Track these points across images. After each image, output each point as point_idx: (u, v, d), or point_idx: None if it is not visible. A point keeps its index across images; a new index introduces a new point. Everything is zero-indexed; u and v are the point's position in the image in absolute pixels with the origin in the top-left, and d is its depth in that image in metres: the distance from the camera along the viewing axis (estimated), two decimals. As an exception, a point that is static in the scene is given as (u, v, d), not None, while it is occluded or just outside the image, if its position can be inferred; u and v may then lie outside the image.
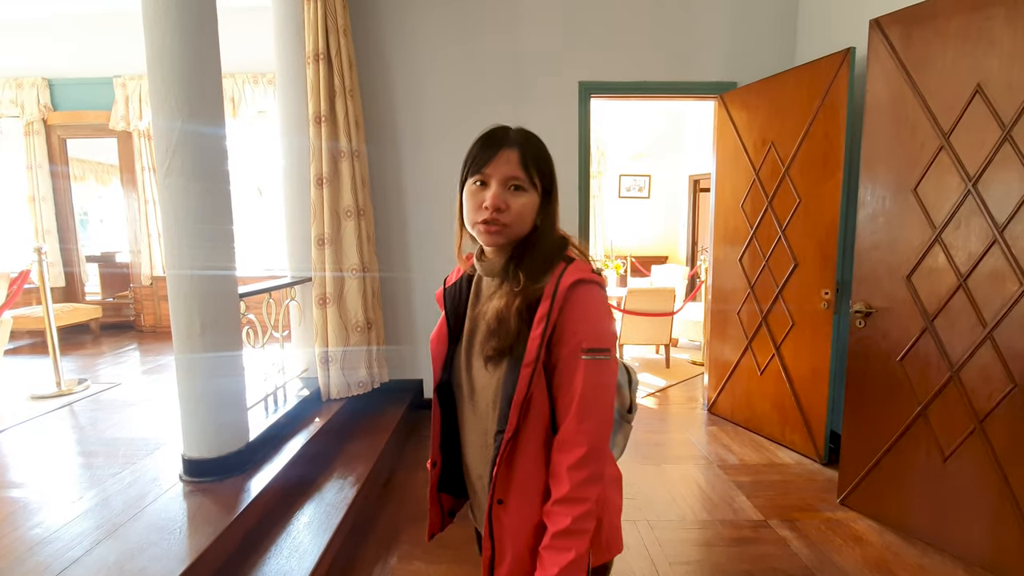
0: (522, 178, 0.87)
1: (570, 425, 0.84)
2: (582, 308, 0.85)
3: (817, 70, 2.74)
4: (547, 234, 0.92)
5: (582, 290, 0.85)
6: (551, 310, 0.84)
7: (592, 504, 0.84)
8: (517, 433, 0.87)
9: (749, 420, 3.29)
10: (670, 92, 3.48)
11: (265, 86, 4.97)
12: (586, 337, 0.84)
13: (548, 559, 0.83)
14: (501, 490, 0.89)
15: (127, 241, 5.47)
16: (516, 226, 0.88)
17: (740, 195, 3.24)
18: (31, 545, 1.70)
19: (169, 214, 1.96)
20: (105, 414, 2.97)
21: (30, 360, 4.34)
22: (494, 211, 0.86)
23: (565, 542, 0.83)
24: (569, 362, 0.84)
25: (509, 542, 0.90)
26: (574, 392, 0.84)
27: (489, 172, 0.87)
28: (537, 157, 0.89)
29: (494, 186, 0.87)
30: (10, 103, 5.13)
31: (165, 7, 1.87)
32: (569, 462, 0.83)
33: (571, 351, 0.84)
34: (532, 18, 3.39)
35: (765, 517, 2.35)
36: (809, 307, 2.82)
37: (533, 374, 0.84)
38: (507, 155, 0.87)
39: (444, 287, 1.05)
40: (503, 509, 0.89)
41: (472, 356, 0.95)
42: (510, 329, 0.86)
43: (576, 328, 0.84)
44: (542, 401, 0.87)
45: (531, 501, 0.88)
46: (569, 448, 0.84)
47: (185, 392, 2.03)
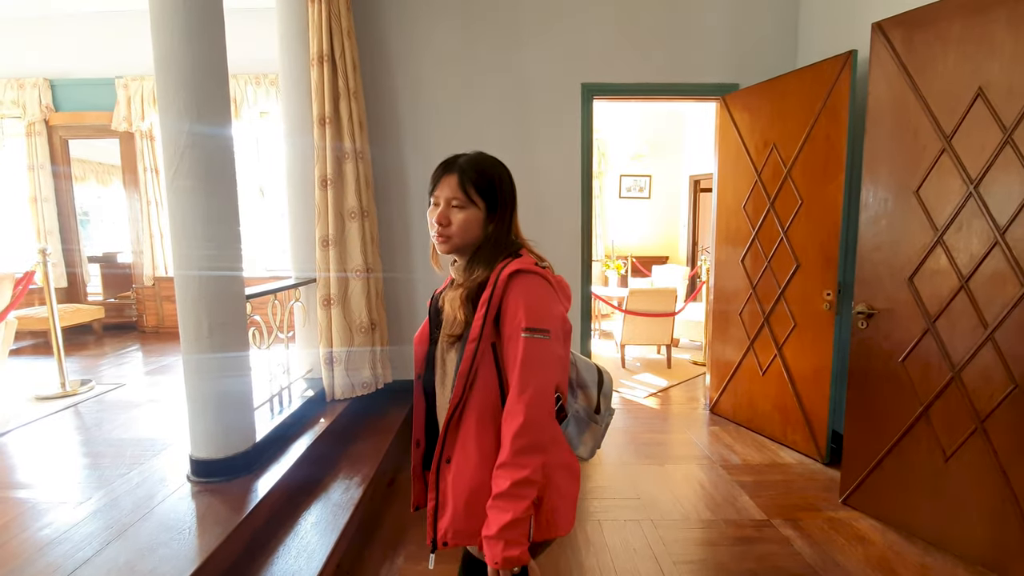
0: (461, 197, 1.04)
1: (511, 396, 0.97)
2: (521, 293, 0.99)
3: (819, 72, 2.75)
4: (495, 239, 1.07)
5: (522, 278, 1.00)
6: (492, 295, 0.99)
7: (530, 472, 0.94)
8: (463, 402, 1.01)
9: (751, 420, 3.31)
10: (672, 93, 3.50)
11: (267, 87, 4.98)
12: (525, 317, 0.97)
13: (491, 517, 0.95)
14: (448, 450, 1.04)
15: (129, 242, 5.48)
16: (459, 236, 1.05)
17: (742, 196, 3.26)
18: (41, 546, 1.71)
19: (177, 216, 1.97)
20: (111, 415, 2.98)
21: (33, 361, 4.35)
22: (439, 226, 1.04)
23: (503, 503, 0.93)
24: (511, 340, 0.98)
25: (450, 496, 1.03)
26: (515, 366, 0.96)
27: (437, 194, 1.06)
28: (476, 179, 1.04)
29: (442, 205, 1.05)
30: (11, 103, 5.13)
31: (173, 9, 1.88)
32: (511, 431, 0.95)
33: (512, 330, 0.98)
34: (535, 19, 3.41)
35: (768, 517, 2.37)
36: (811, 308, 2.84)
37: (476, 350, 0.99)
38: (448, 179, 1.04)
39: (433, 296, 1.19)
40: (448, 468, 1.04)
41: (443, 346, 1.09)
42: (459, 318, 1.02)
43: (516, 310, 0.98)
44: (488, 376, 1.01)
45: (470, 463, 1.01)
46: (511, 418, 0.96)
47: (193, 393, 2.05)
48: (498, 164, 1.10)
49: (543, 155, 3.50)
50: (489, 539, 0.93)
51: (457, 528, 1.03)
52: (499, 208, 1.07)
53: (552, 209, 3.54)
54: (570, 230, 3.55)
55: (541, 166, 3.51)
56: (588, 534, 2.25)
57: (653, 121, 7.23)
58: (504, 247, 1.08)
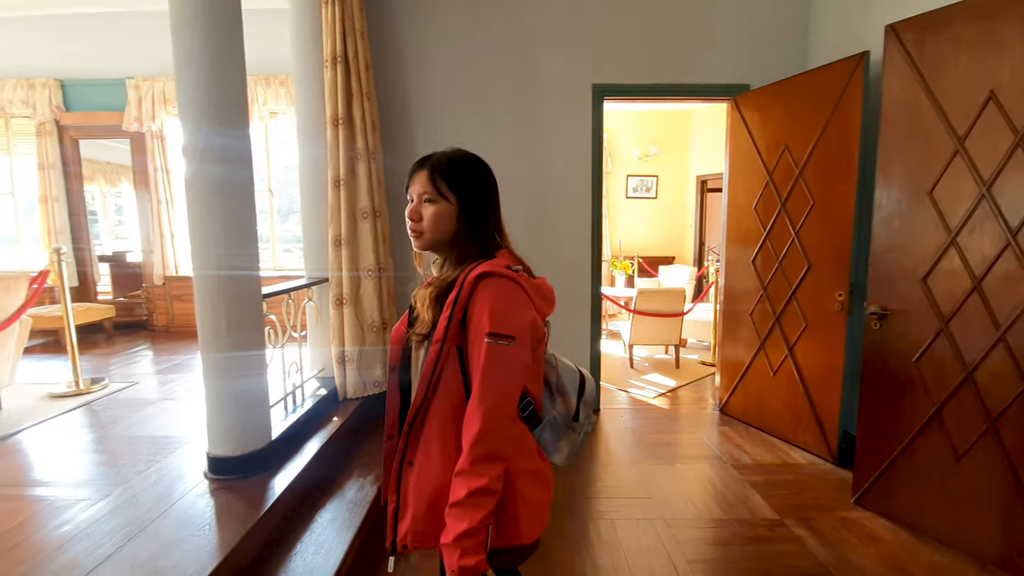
0: (431, 191, 1.03)
1: (472, 402, 0.95)
2: (488, 297, 0.96)
3: (831, 73, 2.76)
4: (466, 236, 1.05)
5: (489, 281, 0.97)
6: (458, 297, 0.97)
7: (488, 481, 0.92)
8: (425, 404, 1.00)
9: (761, 420, 3.31)
10: (683, 94, 3.51)
11: (276, 87, 5.01)
12: (489, 322, 0.95)
13: (448, 525, 0.93)
14: (410, 453, 1.03)
15: (139, 241, 5.52)
16: (431, 232, 1.04)
17: (753, 197, 3.26)
18: (61, 543, 1.73)
19: (195, 217, 1.99)
20: (125, 412, 3.00)
21: (44, 359, 4.39)
22: (411, 220, 1.05)
23: (460, 512, 0.92)
24: (475, 344, 0.96)
25: (411, 498, 1.03)
26: (481, 370, 0.94)
27: (411, 191, 1.06)
28: (446, 173, 1.03)
29: (415, 199, 1.05)
30: (22, 103, 5.17)
31: (193, 13, 1.90)
32: (469, 438, 0.93)
33: (476, 335, 0.96)
34: (545, 20, 3.42)
35: (780, 516, 2.38)
36: (823, 308, 2.84)
37: (440, 352, 0.97)
38: (419, 175, 1.04)
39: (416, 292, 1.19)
40: (410, 470, 1.03)
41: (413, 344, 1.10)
42: (426, 317, 1.02)
43: (481, 315, 0.95)
44: (452, 379, 0.99)
45: (433, 466, 1.00)
46: (469, 423, 0.94)
47: (211, 391, 2.06)
48: (473, 160, 1.08)
49: (553, 156, 3.51)
50: (446, 547, 0.92)
51: (417, 530, 1.02)
52: (472, 204, 1.05)
53: (562, 210, 3.55)
54: (580, 230, 3.57)
55: (551, 166, 3.52)
56: (601, 532, 2.26)
57: (660, 121, 7.24)
58: (479, 246, 1.06)
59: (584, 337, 3.63)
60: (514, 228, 3.98)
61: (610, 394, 4.08)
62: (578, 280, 3.59)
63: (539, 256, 3.60)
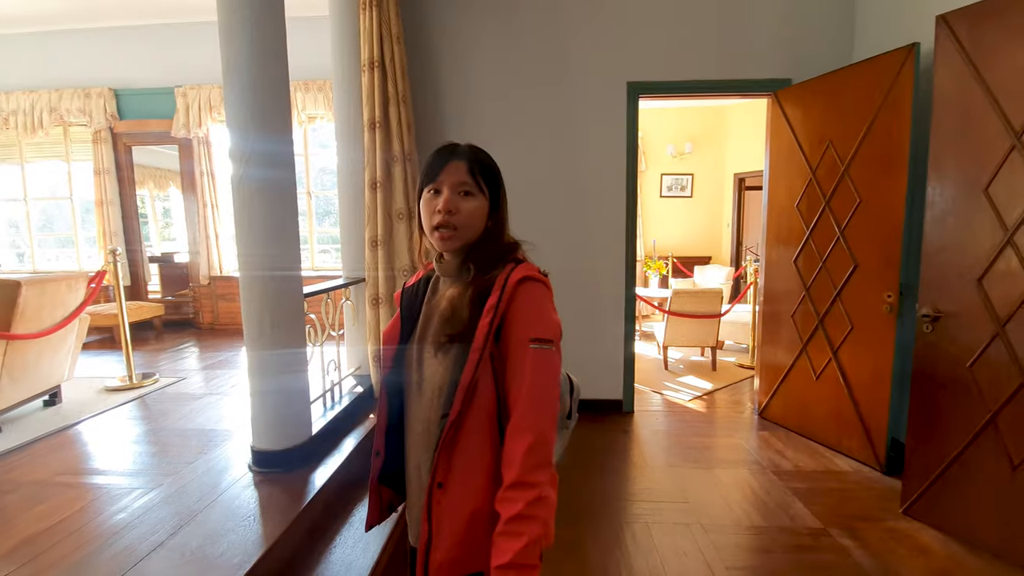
0: (470, 183, 0.96)
1: (520, 411, 0.89)
2: (528, 302, 0.93)
3: (879, 66, 2.65)
4: (497, 235, 1.00)
5: (529, 286, 0.93)
6: (499, 302, 0.91)
7: (541, 490, 0.86)
8: (461, 418, 0.91)
9: (803, 426, 3.21)
10: (721, 91, 3.43)
11: (315, 93, 5.14)
12: (533, 328, 0.91)
13: (502, 545, 0.85)
14: (442, 473, 0.92)
15: (186, 242, 5.76)
16: (466, 228, 0.96)
17: (795, 195, 3.17)
18: (117, 529, 1.82)
19: (242, 219, 2.06)
20: (174, 406, 3.14)
21: (99, 355, 4.63)
22: (446, 214, 0.94)
23: (518, 527, 0.85)
24: (518, 351, 0.91)
25: (447, 525, 0.92)
26: (524, 379, 0.89)
27: (442, 179, 0.96)
28: (483, 166, 0.98)
29: (446, 192, 0.95)
30: (79, 112, 5.47)
31: (240, 23, 1.97)
32: (521, 448, 0.87)
33: (520, 341, 0.91)
34: (579, 18, 3.40)
35: (824, 525, 2.30)
36: (870, 310, 2.73)
37: (480, 360, 0.90)
38: (456, 165, 0.96)
39: (403, 288, 1.12)
40: (442, 493, 0.92)
41: (424, 348, 1.01)
42: (463, 317, 0.93)
43: (525, 320, 0.92)
44: (487, 389, 0.92)
45: (471, 486, 0.92)
46: (520, 433, 0.88)
47: (255, 387, 2.14)
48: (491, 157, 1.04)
49: (587, 155, 3.49)
50: (502, 568, 0.83)
51: (454, 558, 0.93)
52: (499, 200, 1.01)
53: (595, 209, 3.53)
54: (613, 230, 3.53)
55: (585, 166, 3.50)
56: (636, 536, 2.23)
57: (695, 117, 7.10)
58: (509, 248, 1.02)
59: (617, 338, 3.60)
60: (547, 228, 4.00)
61: (644, 396, 4.03)
62: (611, 280, 3.56)
63: (571, 256, 3.62)
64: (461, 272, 1.00)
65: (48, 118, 5.49)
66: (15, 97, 5.49)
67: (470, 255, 1.00)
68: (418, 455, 1.02)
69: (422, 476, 1.01)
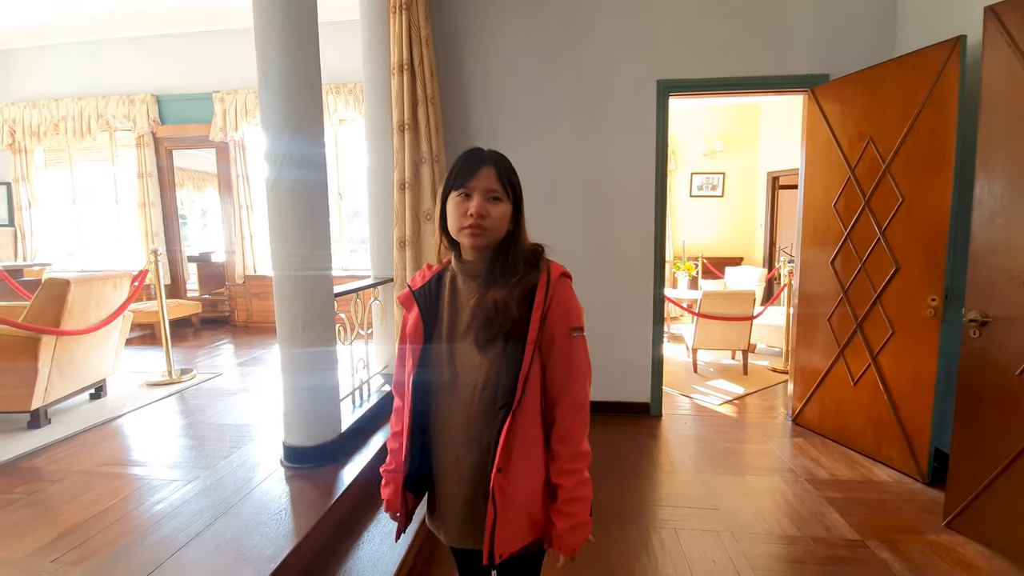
0: (499, 190, 1.03)
1: (571, 395, 1.03)
2: (567, 296, 1.04)
3: (923, 60, 2.54)
4: (522, 237, 1.08)
5: (565, 282, 1.05)
6: (547, 297, 1.01)
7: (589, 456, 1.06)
8: (520, 405, 1.00)
9: (840, 433, 3.10)
10: (755, 87, 3.35)
11: (346, 96, 5.24)
12: (572, 318, 1.03)
13: (571, 509, 1.03)
14: (503, 459, 0.99)
15: (223, 243, 5.94)
16: (495, 230, 1.03)
17: (832, 194, 3.06)
18: (157, 519, 1.89)
19: (276, 220, 2.11)
20: (210, 401, 3.24)
21: (141, 350, 4.81)
22: (478, 218, 1.00)
23: (580, 492, 1.03)
24: (564, 339, 1.02)
25: (511, 506, 1.00)
26: (572, 363, 1.03)
27: (472, 185, 1.02)
28: (509, 173, 1.05)
29: (476, 197, 1.01)
30: (124, 118, 5.71)
31: (274, 29, 2.02)
32: (575, 422, 1.03)
33: (564, 331, 1.02)
34: (608, 16, 3.37)
35: (862, 537, 2.21)
36: (912, 314, 2.62)
37: (535, 350, 1.00)
38: (487, 171, 1.02)
39: (411, 289, 1.14)
40: (504, 477, 0.99)
41: (455, 347, 1.07)
42: (512, 315, 1.00)
43: (566, 312, 1.03)
44: (537, 375, 1.03)
45: (530, 466, 1.03)
46: (574, 411, 1.03)
47: (288, 384, 2.19)
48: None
49: (615, 155, 3.46)
50: (575, 528, 1.03)
51: (519, 534, 1.03)
52: (520, 203, 1.08)
53: (623, 210, 3.49)
54: (642, 231, 3.48)
55: (613, 166, 3.46)
56: (664, 541, 2.20)
57: (727, 115, 6.95)
58: (538, 248, 1.09)
59: (645, 340, 3.55)
60: (574, 229, 3.97)
61: (672, 399, 3.96)
62: (639, 281, 3.51)
63: (599, 257, 3.59)
64: (492, 271, 1.05)
65: (95, 124, 5.75)
66: (64, 104, 5.76)
67: (500, 257, 1.05)
68: (458, 451, 1.06)
69: (462, 471, 1.05)
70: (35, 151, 6.04)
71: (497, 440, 0.99)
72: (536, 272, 1.04)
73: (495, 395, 1.01)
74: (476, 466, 1.03)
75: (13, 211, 6.07)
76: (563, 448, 1.03)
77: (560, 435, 1.03)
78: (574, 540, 1.03)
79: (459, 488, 1.06)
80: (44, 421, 2.82)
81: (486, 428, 1.02)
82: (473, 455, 1.03)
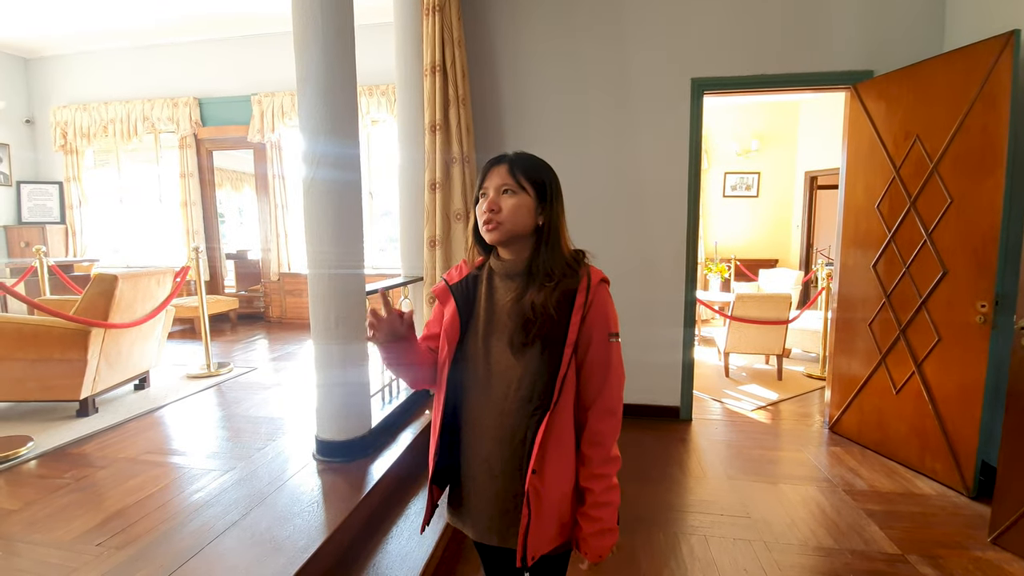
0: (511, 183, 1.03)
1: (605, 398, 1.03)
2: (606, 301, 1.04)
3: (973, 56, 2.43)
4: (557, 235, 1.06)
5: (605, 287, 1.06)
6: (587, 301, 1.01)
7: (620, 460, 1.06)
8: (555, 407, 1.00)
9: (880, 443, 2.99)
10: (794, 85, 3.25)
11: (379, 97, 5.32)
12: (612, 324, 1.04)
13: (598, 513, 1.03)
14: (538, 461, 0.99)
15: (259, 240, 6.11)
16: (509, 223, 1.03)
17: (875, 195, 2.95)
18: (196, 507, 1.96)
19: (311, 220, 2.16)
20: (246, 394, 3.34)
21: (181, 344, 4.99)
22: (489, 211, 1.03)
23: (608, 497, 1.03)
24: (602, 344, 1.02)
25: (546, 508, 1.01)
26: (609, 368, 1.03)
27: (487, 185, 1.05)
28: (525, 167, 1.05)
29: (491, 193, 1.04)
30: (168, 120, 5.93)
31: (313, 35, 2.06)
32: (608, 427, 1.03)
33: (602, 335, 1.03)
34: (641, 14, 3.32)
35: (902, 551, 2.13)
36: (960, 320, 2.50)
37: (572, 353, 1.00)
38: (498, 170, 1.05)
39: (447, 283, 1.15)
40: (538, 478, 1.00)
41: (491, 344, 1.06)
42: (551, 317, 1.00)
43: (604, 317, 1.03)
44: (573, 378, 1.03)
45: (563, 468, 1.03)
46: (607, 415, 1.03)
47: (321, 379, 2.23)
48: (545, 162, 1.10)
49: (649, 156, 3.41)
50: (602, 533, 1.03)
51: (551, 536, 1.04)
52: (549, 198, 1.06)
53: (655, 210, 3.44)
54: (674, 232, 3.43)
55: (645, 166, 3.42)
56: (693, 548, 2.16)
57: (763, 113, 6.78)
58: (576, 252, 1.09)
59: (676, 343, 3.49)
60: (605, 229, 3.92)
61: (703, 403, 3.89)
62: (671, 283, 3.46)
63: (629, 257, 3.54)
64: (529, 271, 1.05)
65: (141, 126, 5.99)
66: (113, 107, 6.02)
67: (537, 257, 1.05)
68: (488, 448, 1.06)
69: (492, 468, 1.06)
70: (85, 152, 6.33)
71: (532, 441, 1.00)
72: (576, 276, 1.04)
73: (530, 395, 1.02)
74: (507, 464, 1.04)
75: (65, 209, 6.38)
76: (594, 452, 1.03)
77: (591, 439, 1.03)
78: (599, 545, 1.03)
79: (489, 485, 1.06)
80: (92, 410, 2.95)
81: (518, 427, 1.03)
82: (505, 453, 1.04)
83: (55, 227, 6.29)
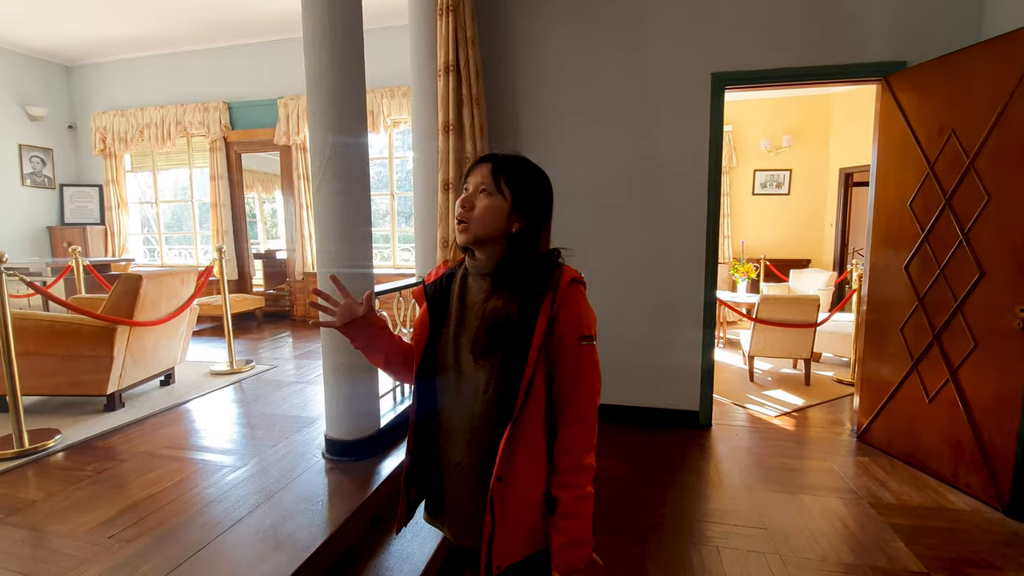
0: (489, 184, 1.00)
1: (577, 401, 0.98)
2: (577, 302, 0.99)
3: (1013, 44, 2.27)
4: (530, 245, 1.02)
5: (576, 288, 1.00)
6: (554, 303, 0.97)
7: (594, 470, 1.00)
8: (521, 413, 0.96)
9: (911, 454, 2.84)
10: (820, 78, 3.11)
11: (400, 99, 5.36)
12: (583, 326, 0.99)
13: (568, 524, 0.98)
14: (502, 468, 0.96)
15: (285, 240, 6.24)
16: (478, 224, 1.00)
17: (908, 192, 2.80)
18: (208, 502, 2.00)
19: (321, 219, 2.18)
20: (266, 392, 3.41)
21: (207, 341, 5.14)
22: (461, 208, 1.00)
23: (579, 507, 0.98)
24: (572, 348, 0.98)
25: (511, 516, 0.98)
26: (579, 373, 0.98)
27: (468, 181, 1.04)
28: (508, 170, 1.01)
29: (470, 190, 1.02)
30: (199, 124, 6.12)
31: (322, 37, 2.08)
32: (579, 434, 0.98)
33: (572, 339, 0.98)
34: (659, 7, 3.24)
35: (929, 570, 2.01)
36: (999, 325, 2.35)
37: (538, 357, 0.96)
38: (481, 168, 1.02)
39: (424, 284, 1.14)
40: (503, 486, 0.96)
41: (460, 344, 1.04)
42: (512, 325, 0.97)
43: (575, 319, 0.98)
44: (540, 385, 0.99)
45: (531, 476, 0.99)
46: (578, 422, 0.98)
47: (331, 379, 2.25)
48: (537, 169, 1.06)
49: (668, 153, 3.32)
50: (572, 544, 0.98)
51: (518, 546, 1.00)
52: (528, 207, 1.01)
53: (675, 210, 3.35)
54: (694, 231, 3.33)
55: (664, 164, 3.33)
56: (704, 560, 2.09)
57: (795, 108, 6.55)
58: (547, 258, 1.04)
59: (694, 345, 3.39)
60: (623, 228, 3.82)
61: (724, 408, 3.77)
62: (688, 283, 3.36)
63: (647, 257, 3.47)
64: (498, 276, 1.03)
65: (175, 130, 6.20)
66: (148, 112, 6.26)
67: (505, 262, 1.02)
68: (460, 453, 1.05)
69: (464, 471, 1.04)
70: (123, 156, 6.60)
71: (497, 447, 0.97)
72: (546, 277, 1.01)
73: (497, 399, 0.99)
74: (477, 469, 1.02)
75: (104, 211, 6.66)
76: (564, 460, 0.99)
77: (562, 446, 0.99)
78: (570, 557, 0.98)
79: (462, 488, 1.06)
80: (119, 404, 3.06)
81: (487, 431, 1.01)
82: (475, 457, 1.02)
83: (95, 228, 6.58)
